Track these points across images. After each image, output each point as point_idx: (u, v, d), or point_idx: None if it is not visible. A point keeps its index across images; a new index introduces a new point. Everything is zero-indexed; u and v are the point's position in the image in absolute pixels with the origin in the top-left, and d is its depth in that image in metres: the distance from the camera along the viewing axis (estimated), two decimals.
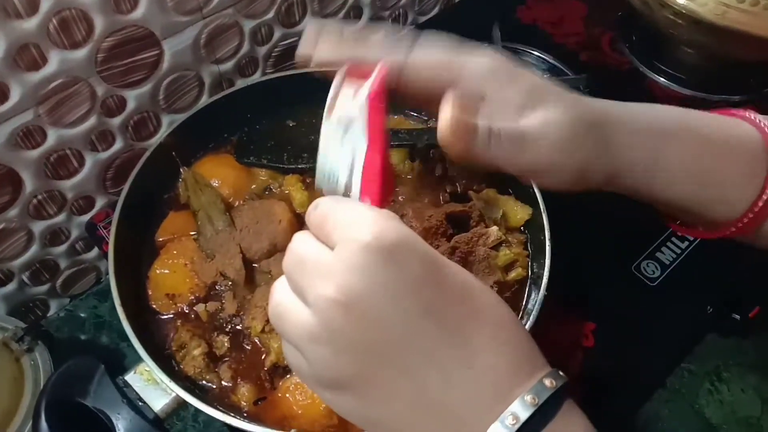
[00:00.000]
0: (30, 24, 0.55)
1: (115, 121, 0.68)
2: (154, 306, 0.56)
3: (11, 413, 0.59)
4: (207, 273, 0.56)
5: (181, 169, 0.64)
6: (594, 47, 0.94)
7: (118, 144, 0.70)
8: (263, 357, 0.53)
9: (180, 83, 0.71)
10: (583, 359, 0.66)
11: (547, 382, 0.31)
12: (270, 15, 0.75)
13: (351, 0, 0.84)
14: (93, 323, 0.78)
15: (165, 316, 0.56)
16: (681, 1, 0.75)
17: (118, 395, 0.47)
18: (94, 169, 0.69)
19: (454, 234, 0.59)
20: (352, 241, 0.30)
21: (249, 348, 0.54)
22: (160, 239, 0.60)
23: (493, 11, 0.95)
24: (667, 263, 0.73)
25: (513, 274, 0.58)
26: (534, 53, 0.91)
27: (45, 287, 0.75)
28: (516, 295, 0.58)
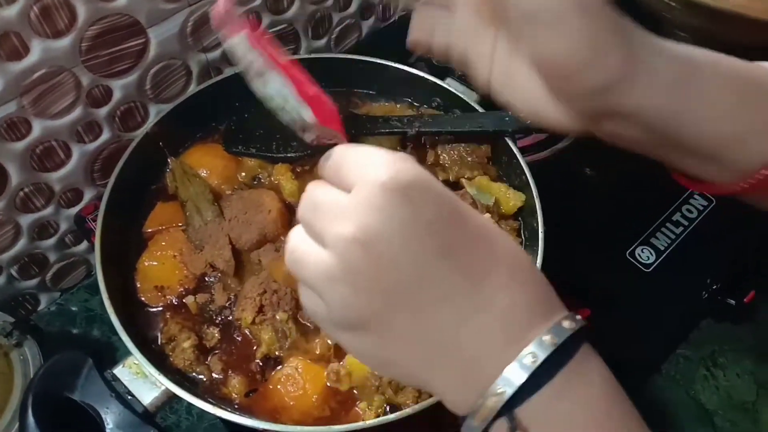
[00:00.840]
0: (10, 12, 0.53)
1: (102, 112, 0.66)
2: (142, 298, 0.56)
3: (1, 408, 0.58)
4: (196, 264, 0.56)
5: (169, 160, 0.63)
6: None
7: (105, 135, 0.69)
8: (254, 349, 0.52)
9: (167, 72, 0.70)
10: None
11: (566, 323, 0.31)
12: (257, 2, 0.73)
13: None
14: (84, 317, 0.77)
15: (154, 308, 0.55)
16: None
17: (106, 389, 0.47)
18: (81, 161, 0.68)
19: None
20: (368, 183, 0.29)
21: (239, 340, 0.53)
22: (148, 230, 0.59)
23: None
24: (662, 249, 0.72)
25: None
26: None
27: (34, 281, 0.74)
28: None
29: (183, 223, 0.59)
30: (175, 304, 0.55)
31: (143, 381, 0.48)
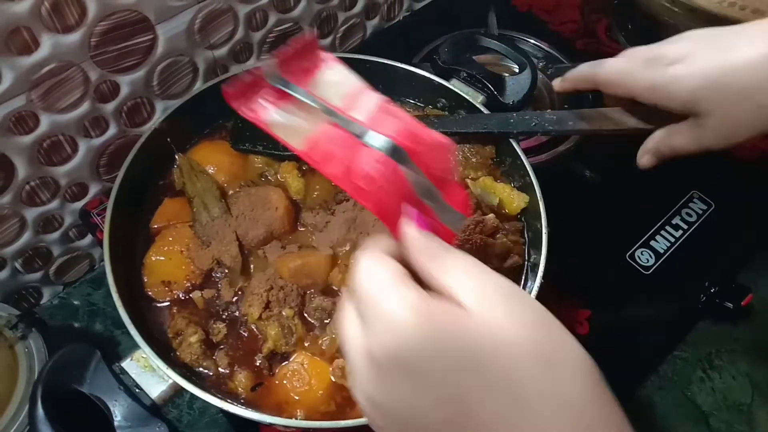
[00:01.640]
0: (22, 6, 0.54)
1: (109, 107, 0.67)
2: (149, 293, 0.56)
3: (5, 400, 0.59)
4: (203, 260, 0.56)
5: (177, 156, 0.63)
6: (590, 35, 0.94)
7: (111, 130, 0.69)
8: (260, 344, 0.53)
9: (174, 69, 0.70)
10: None
11: None
12: (265, 0, 0.74)
13: None
14: (87, 311, 0.77)
15: (160, 303, 0.56)
16: None
17: (114, 382, 0.47)
18: (87, 156, 0.68)
19: None
20: (358, 349, 0.29)
21: (246, 335, 0.54)
22: (155, 226, 0.60)
23: None
24: (661, 252, 0.73)
25: (509, 262, 0.58)
26: (530, 41, 0.91)
27: (38, 275, 0.75)
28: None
29: (190, 219, 0.59)
30: (182, 299, 0.55)
31: (151, 374, 0.48)
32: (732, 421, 0.71)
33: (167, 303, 0.56)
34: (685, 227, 0.75)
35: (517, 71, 0.70)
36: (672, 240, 0.74)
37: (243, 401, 0.50)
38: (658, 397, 0.72)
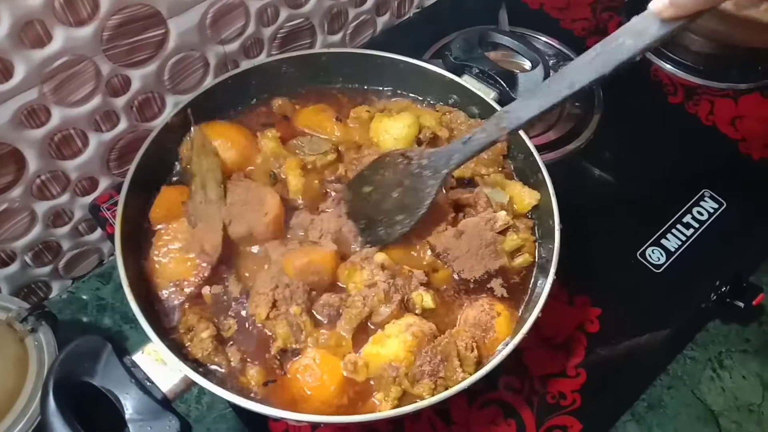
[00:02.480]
0: (35, 0, 0.54)
1: (120, 101, 0.67)
2: (160, 294, 0.55)
3: (16, 393, 0.59)
4: (193, 245, 0.55)
5: (192, 128, 0.62)
6: (601, 33, 0.93)
7: (122, 124, 0.69)
8: (270, 342, 0.52)
9: (185, 63, 0.70)
10: (588, 344, 0.67)
11: None
12: None
13: None
14: (95, 305, 0.77)
15: (171, 300, 0.55)
16: None
17: (126, 375, 0.47)
18: (98, 150, 0.68)
19: (458, 219, 0.59)
20: None
21: (255, 333, 0.53)
22: (154, 217, 0.58)
23: None
24: (673, 250, 0.73)
25: (519, 259, 0.58)
26: (541, 38, 0.91)
27: (47, 269, 0.75)
28: (524, 280, 0.58)
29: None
30: (193, 295, 0.55)
31: (162, 368, 0.48)
32: (742, 422, 0.70)
33: (179, 299, 0.55)
34: (697, 226, 0.74)
35: (529, 68, 0.70)
36: (683, 239, 0.74)
37: (255, 396, 0.50)
38: (667, 397, 0.71)
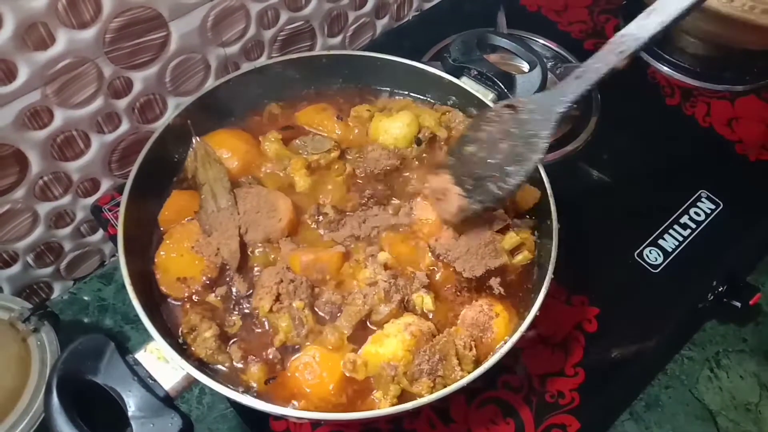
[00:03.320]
0: (39, 2, 0.55)
1: (122, 103, 0.67)
2: (164, 290, 0.56)
3: (19, 392, 0.59)
4: (207, 249, 0.55)
5: (194, 139, 0.62)
6: (598, 35, 0.94)
7: (124, 126, 0.70)
8: (272, 338, 0.53)
9: (186, 66, 0.71)
10: (586, 344, 0.67)
11: None
12: None
13: None
14: (97, 306, 0.78)
15: (173, 299, 0.56)
16: None
17: (128, 373, 0.47)
18: (100, 151, 0.69)
19: None
20: None
21: (258, 329, 0.54)
22: (164, 218, 0.59)
23: None
24: (670, 250, 0.73)
25: (519, 257, 0.58)
26: (539, 41, 0.92)
27: (49, 269, 0.75)
28: (522, 280, 0.59)
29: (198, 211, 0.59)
30: (196, 294, 0.55)
31: (164, 365, 0.48)
32: (740, 420, 0.71)
33: (182, 299, 0.55)
34: (694, 226, 0.75)
35: (527, 70, 0.70)
36: (680, 239, 0.74)
37: (256, 393, 0.51)
38: (665, 396, 0.72)
